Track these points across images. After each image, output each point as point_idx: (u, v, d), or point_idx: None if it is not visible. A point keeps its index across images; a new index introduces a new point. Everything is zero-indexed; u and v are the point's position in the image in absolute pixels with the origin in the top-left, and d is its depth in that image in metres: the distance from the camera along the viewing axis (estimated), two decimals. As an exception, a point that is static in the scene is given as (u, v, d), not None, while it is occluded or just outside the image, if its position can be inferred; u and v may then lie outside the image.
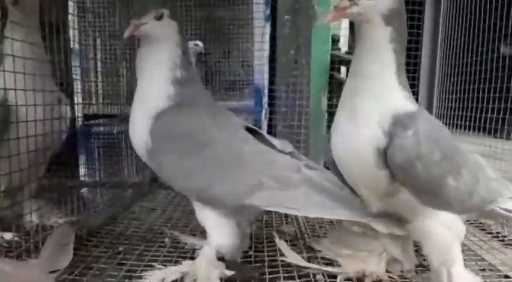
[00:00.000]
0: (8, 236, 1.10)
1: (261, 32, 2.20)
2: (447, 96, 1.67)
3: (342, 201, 0.89)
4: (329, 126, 2.77)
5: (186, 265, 0.96)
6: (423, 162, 0.75)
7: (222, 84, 2.47)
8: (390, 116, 0.77)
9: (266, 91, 2.19)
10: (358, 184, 0.86)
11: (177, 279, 0.92)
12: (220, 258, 0.96)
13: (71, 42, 1.91)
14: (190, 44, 2.29)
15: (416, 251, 0.97)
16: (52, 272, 0.90)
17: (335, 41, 2.92)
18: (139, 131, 0.94)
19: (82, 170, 1.98)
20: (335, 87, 2.68)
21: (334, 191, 0.90)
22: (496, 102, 1.31)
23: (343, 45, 3.16)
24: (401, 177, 0.76)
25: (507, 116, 1.29)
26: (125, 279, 0.94)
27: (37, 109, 1.09)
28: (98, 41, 2.15)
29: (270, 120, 2.16)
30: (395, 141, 0.75)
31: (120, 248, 1.11)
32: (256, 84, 2.21)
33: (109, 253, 1.08)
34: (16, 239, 1.09)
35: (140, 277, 0.92)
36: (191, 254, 1.06)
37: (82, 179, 1.96)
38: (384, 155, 0.76)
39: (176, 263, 1.00)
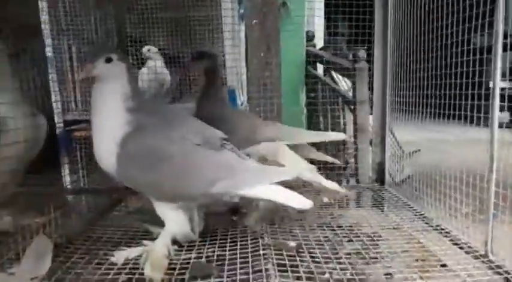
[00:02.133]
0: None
1: (232, 35, 2.29)
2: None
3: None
4: (309, 122, 2.86)
5: (146, 245, 1.20)
6: None
7: (195, 87, 2.55)
8: None
9: (245, 92, 2.28)
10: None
11: (140, 255, 1.14)
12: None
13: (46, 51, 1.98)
14: (144, 49, 2.39)
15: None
16: (32, 279, 1.01)
17: (310, 37, 3.02)
18: (106, 156, 1.13)
19: (64, 175, 2.07)
20: (311, 83, 2.80)
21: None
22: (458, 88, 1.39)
23: (318, 41, 3.25)
24: None
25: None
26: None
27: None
28: (73, 48, 2.21)
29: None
30: None
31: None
32: (229, 86, 2.30)
33: (86, 258, 1.18)
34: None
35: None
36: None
37: (64, 185, 2.05)
38: None
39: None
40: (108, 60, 1.17)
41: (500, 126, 1.15)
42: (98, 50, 1.32)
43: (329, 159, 1.72)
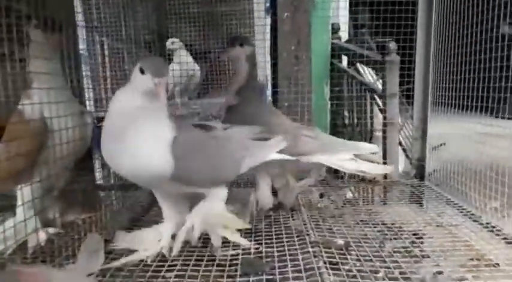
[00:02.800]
0: (51, 230, 1.29)
1: (262, 29, 2.27)
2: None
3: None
4: (333, 113, 2.83)
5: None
6: None
7: (223, 82, 2.55)
8: None
9: (270, 86, 2.27)
10: None
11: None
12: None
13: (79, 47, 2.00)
14: (168, 42, 2.38)
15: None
16: (88, 275, 1.03)
17: (335, 29, 2.98)
18: (156, 161, 1.09)
19: (98, 174, 2.10)
20: (336, 76, 2.77)
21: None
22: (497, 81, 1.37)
23: (343, 34, 3.20)
24: None
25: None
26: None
27: (67, 119, 1.29)
28: (105, 46, 2.24)
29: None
30: None
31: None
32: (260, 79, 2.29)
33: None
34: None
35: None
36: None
37: (98, 182, 2.08)
38: None
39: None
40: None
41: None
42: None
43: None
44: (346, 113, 2.67)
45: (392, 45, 2.03)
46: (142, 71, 1.05)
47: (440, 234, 1.32)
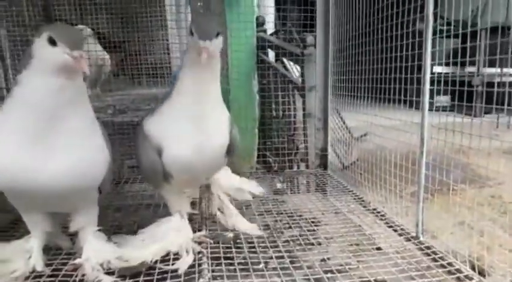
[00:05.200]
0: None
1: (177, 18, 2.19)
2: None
3: None
4: (262, 104, 2.79)
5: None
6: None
7: (142, 71, 2.45)
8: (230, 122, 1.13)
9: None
10: (200, 176, 1.21)
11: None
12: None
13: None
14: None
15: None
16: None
17: (260, 22, 2.95)
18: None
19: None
20: (263, 69, 2.76)
21: None
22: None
23: (269, 27, 3.19)
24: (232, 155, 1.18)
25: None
26: None
27: None
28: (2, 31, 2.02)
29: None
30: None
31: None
32: (174, 70, 2.22)
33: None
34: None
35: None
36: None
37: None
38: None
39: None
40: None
41: (440, 110, 1.17)
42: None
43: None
44: (273, 105, 2.67)
45: (310, 39, 2.05)
46: (52, 42, 0.83)
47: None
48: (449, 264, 1.03)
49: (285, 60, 2.85)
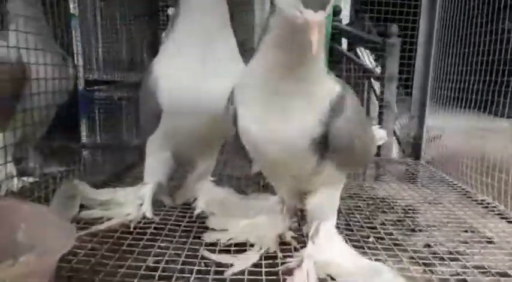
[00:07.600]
0: (30, 179, 1.26)
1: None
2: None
3: None
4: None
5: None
6: (359, 139, 0.83)
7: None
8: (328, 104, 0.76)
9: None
10: (283, 172, 0.88)
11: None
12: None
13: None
14: None
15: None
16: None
17: (336, 12, 2.91)
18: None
19: (83, 133, 2.02)
20: (338, 59, 2.72)
21: None
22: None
23: (345, 17, 3.15)
24: (339, 155, 0.79)
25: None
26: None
27: (46, 68, 1.21)
28: (98, 4, 2.13)
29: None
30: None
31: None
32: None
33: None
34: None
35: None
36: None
37: (83, 141, 2.00)
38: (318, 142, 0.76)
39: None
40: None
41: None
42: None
43: None
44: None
45: (394, 29, 2.02)
46: None
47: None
48: None
49: (358, 49, 2.80)
